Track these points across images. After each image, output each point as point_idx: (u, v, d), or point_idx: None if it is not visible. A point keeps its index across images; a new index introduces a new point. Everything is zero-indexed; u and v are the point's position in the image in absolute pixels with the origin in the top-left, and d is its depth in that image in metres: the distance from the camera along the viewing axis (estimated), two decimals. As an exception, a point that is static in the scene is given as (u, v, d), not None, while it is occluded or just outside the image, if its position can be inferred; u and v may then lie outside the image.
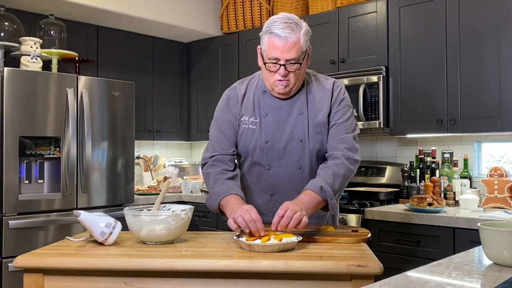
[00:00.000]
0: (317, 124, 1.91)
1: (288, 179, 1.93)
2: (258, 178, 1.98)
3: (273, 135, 1.91)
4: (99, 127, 3.49)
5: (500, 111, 2.82)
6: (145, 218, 1.76)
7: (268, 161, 1.93)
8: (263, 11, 4.15)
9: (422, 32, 3.14)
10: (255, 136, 1.93)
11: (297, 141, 1.91)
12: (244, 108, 1.96)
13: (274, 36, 1.81)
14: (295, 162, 1.92)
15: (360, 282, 1.50)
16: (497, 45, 2.84)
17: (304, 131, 1.91)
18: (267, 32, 1.84)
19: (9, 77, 3.05)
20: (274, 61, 1.84)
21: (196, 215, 3.88)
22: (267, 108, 1.94)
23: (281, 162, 1.92)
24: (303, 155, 1.92)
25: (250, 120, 1.94)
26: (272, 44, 1.82)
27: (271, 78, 1.88)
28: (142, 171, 4.56)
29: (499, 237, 1.30)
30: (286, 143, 1.91)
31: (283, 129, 1.91)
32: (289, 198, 1.81)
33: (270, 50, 1.84)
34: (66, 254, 1.67)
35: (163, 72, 4.52)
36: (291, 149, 1.91)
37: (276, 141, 1.91)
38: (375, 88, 3.27)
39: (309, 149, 1.91)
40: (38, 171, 3.26)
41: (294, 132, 1.91)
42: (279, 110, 1.93)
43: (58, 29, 3.57)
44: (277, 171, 1.93)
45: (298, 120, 1.92)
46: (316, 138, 1.91)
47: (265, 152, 1.92)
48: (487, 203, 2.92)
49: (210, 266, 1.54)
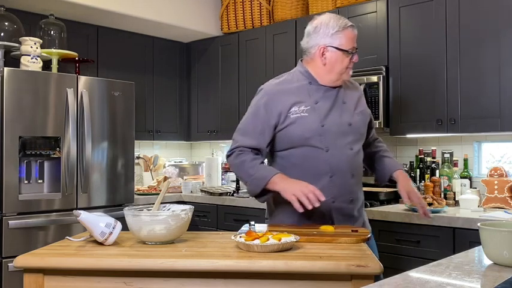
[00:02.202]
0: (358, 112, 2.16)
1: (344, 160, 2.07)
2: (316, 161, 2.06)
3: (327, 120, 2.07)
4: (99, 127, 3.49)
5: (500, 111, 2.82)
6: (145, 218, 1.76)
7: (326, 144, 2.05)
8: (263, 11, 4.15)
9: (422, 32, 3.14)
10: (309, 121, 2.05)
11: (347, 125, 2.10)
12: (292, 100, 2.07)
13: (350, 28, 2.09)
14: (348, 144, 2.09)
15: (360, 282, 1.50)
16: (497, 45, 2.84)
17: (350, 116, 2.12)
18: (344, 27, 2.08)
19: (9, 77, 3.05)
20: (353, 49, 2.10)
21: (196, 215, 3.89)
22: (316, 97, 2.10)
23: (336, 144, 2.06)
24: (352, 137, 2.10)
25: (301, 109, 2.06)
26: (350, 35, 2.09)
27: (342, 67, 2.09)
28: (142, 171, 4.56)
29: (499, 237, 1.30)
30: (338, 126, 2.08)
31: (333, 115, 2.09)
32: (346, 179, 2.05)
33: (350, 40, 2.09)
34: (66, 254, 1.67)
35: (163, 72, 4.52)
36: (343, 132, 2.08)
37: (331, 125, 2.07)
38: (375, 88, 3.27)
39: (356, 132, 2.12)
40: (38, 171, 3.26)
41: (342, 118, 2.10)
42: (327, 98, 2.11)
43: (58, 29, 3.57)
44: (334, 153, 2.05)
45: (343, 107, 2.12)
46: (360, 124, 2.15)
47: (321, 135, 2.05)
48: (487, 203, 2.92)
49: (210, 266, 1.55)
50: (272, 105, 2.07)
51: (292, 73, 2.19)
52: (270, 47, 4.01)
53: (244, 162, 2.05)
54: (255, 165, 2.03)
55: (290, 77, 2.17)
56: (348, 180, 2.06)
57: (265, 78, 4.00)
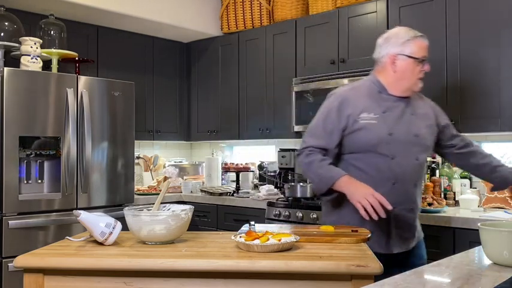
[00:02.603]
0: (428, 125, 2.20)
1: (408, 169, 2.11)
2: (381, 168, 2.10)
3: (394, 129, 2.11)
4: (99, 127, 3.49)
5: (500, 111, 2.82)
6: (145, 218, 1.76)
7: (392, 152, 2.09)
8: (263, 11, 4.15)
9: (422, 32, 3.13)
10: (377, 129, 2.09)
11: (413, 136, 2.14)
12: (361, 107, 2.12)
13: (420, 38, 2.18)
14: (414, 154, 2.13)
15: (360, 282, 1.50)
16: (497, 45, 2.84)
17: (418, 128, 2.16)
18: (415, 37, 2.18)
19: (9, 77, 3.05)
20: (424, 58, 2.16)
21: (196, 215, 3.89)
22: (385, 106, 2.15)
23: (402, 153, 2.10)
24: (418, 148, 2.14)
25: (370, 116, 2.10)
26: (421, 45, 2.17)
27: (414, 77, 2.16)
28: (142, 171, 4.56)
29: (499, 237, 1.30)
30: (405, 136, 2.12)
31: (401, 125, 2.13)
32: (408, 187, 2.10)
33: (420, 49, 2.16)
34: (66, 254, 1.67)
35: (163, 72, 4.52)
36: (410, 142, 2.13)
37: (398, 134, 2.11)
38: (375, 88, 3.26)
39: (422, 144, 2.16)
40: (38, 171, 3.25)
41: (410, 128, 2.14)
42: (395, 108, 2.16)
43: (58, 29, 3.56)
44: (400, 161, 2.10)
45: (411, 119, 2.16)
46: (427, 136, 2.19)
47: (389, 143, 2.09)
48: (487, 203, 2.91)
49: (210, 266, 1.55)
50: (343, 108, 2.12)
51: (363, 82, 2.26)
52: (270, 47, 4.01)
53: (313, 162, 2.10)
54: (324, 165, 2.08)
55: (361, 85, 2.24)
56: (410, 189, 2.12)
57: (265, 78, 4.03)
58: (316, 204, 3.29)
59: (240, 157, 4.65)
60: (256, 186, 4.06)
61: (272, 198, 3.59)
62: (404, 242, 2.14)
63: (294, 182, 3.80)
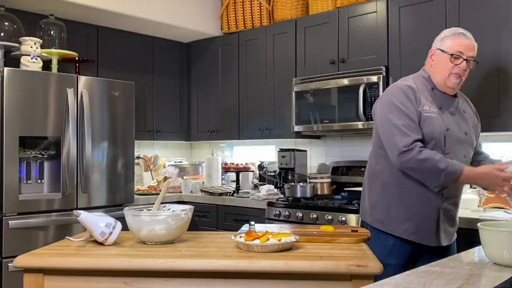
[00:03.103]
0: (474, 125, 2.30)
1: None
2: None
3: (452, 125, 2.18)
4: (99, 127, 3.49)
5: (500, 111, 2.82)
6: (145, 218, 1.76)
7: (447, 147, 2.14)
8: (263, 11, 4.15)
9: (422, 32, 3.14)
10: (437, 123, 2.14)
11: (464, 134, 2.22)
12: (424, 99, 2.16)
13: (461, 35, 2.21)
14: (463, 151, 2.20)
15: (360, 282, 1.50)
16: (497, 45, 2.84)
17: (467, 126, 2.24)
18: (454, 34, 2.22)
19: (9, 77, 3.05)
20: (459, 54, 2.16)
21: (196, 215, 3.89)
22: (439, 102, 2.20)
23: (455, 149, 2.16)
24: (467, 146, 2.22)
25: (431, 110, 2.15)
26: (459, 41, 2.19)
27: (447, 72, 2.18)
28: (142, 171, 4.56)
29: (499, 237, 1.30)
30: (458, 133, 2.19)
31: (454, 122, 2.20)
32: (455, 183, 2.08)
33: (456, 45, 2.18)
34: (66, 254, 1.67)
35: (163, 72, 4.52)
36: (461, 139, 2.20)
37: (454, 131, 2.18)
38: (375, 88, 3.27)
39: (470, 142, 2.24)
40: (38, 171, 3.26)
41: (461, 126, 2.22)
42: (449, 105, 2.23)
43: (58, 29, 3.56)
44: (452, 157, 2.13)
45: (461, 117, 2.24)
46: (473, 135, 2.27)
47: (445, 138, 2.14)
48: (487, 203, 2.91)
49: (210, 266, 1.55)
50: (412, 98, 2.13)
51: (417, 76, 2.29)
52: (270, 47, 4.01)
53: (429, 158, 2.03)
54: (441, 159, 2.04)
55: (417, 79, 2.26)
56: (457, 185, 2.16)
57: (265, 78, 4.03)
58: (316, 204, 3.29)
59: (240, 157, 4.65)
60: (256, 186, 4.06)
61: (272, 198, 3.59)
62: (449, 235, 2.21)
63: (294, 182, 3.80)
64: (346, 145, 3.91)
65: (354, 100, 3.33)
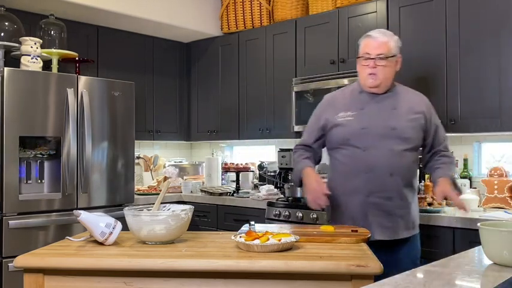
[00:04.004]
0: (410, 119, 2.28)
1: (381, 160, 2.24)
2: (355, 159, 2.29)
3: (370, 124, 2.27)
4: (99, 127, 3.49)
5: (500, 111, 2.82)
6: (145, 218, 1.76)
7: (365, 144, 2.25)
8: (263, 11, 4.14)
9: (422, 32, 3.14)
10: (351, 125, 2.29)
11: (390, 129, 2.25)
12: (340, 107, 2.36)
13: (367, 38, 2.32)
14: (388, 145, 2.24)
15: (360, 282, 1.50)
16: (497, 45, 2.84)
17: (398, 122, 2.27)
18: (362, 38, 2.35)
19: (9, 77, 3.05)
20: (365, 55, 2.28)
21: (196, 215, 3.88)
22: (362, 104, 2.33)
23: (377, 145, 2.25)
24: (394, 140, 2.25)
25: (347, 114, 2.31)
26: (364, 43, 2.31)
27: (363, 74, 2.30)
28: (142, 171, 4.56)
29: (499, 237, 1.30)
30: (382, 130, 2.25)
31: (379, 119, 2.27)
32: (382, 177, 2.22)
33: (363, 48, 2.31)
34: (66, 254, 1.67)
35: (163, 72, 4.52)
36: (385, 134, 2.25)
37: (374, 129, 2.26)
38: (375, 88, 3.26)
39: (401, 136, 2.25)
40: (38, 171, 3.25)
41: (387, 121, 2.27)
42: (372, 104, 2.31)
43: (58, 29, 3.56)
44: (373, 153, 2.24)
45: (392, 114, 2.29)
46: (410, 129, 2.27)
47: (361, 136, 2.26)
48: (487, 203, 2.92)
49: (210, 266, 1.55)
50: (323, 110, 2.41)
51: (351, 85, 2.49)
52: (270, 47, 4.01)
53: (295, 158, 2.45)
54: (299, 160, 2.40)
55: (349, 87, 2.49)
56: (386, 179, 2.22)
57: (265, 78, 4.03)
58: (316, 204, 3.29)
59: (240, 157, 4.65)
60: (256, 186, 4.06)
61: (272, 198, 3.59)
62: (387, 230, 2.24)
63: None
64: (346, 145, 3.91)
65: (354, 100, 3.32)
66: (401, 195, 2.26)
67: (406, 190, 2.28)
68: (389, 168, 2.23)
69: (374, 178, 2.23)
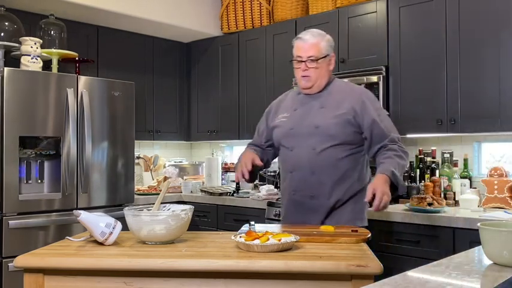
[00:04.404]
0: (335, 115, 2.25)
1: (304, 159, 2.26)
2: (284, 159, 2.38)
3: (297, 124, 2.31)
4: (99, 127, 3.49)
5: (500, 111, 2.82)
6: (145, 218, 1.76)
7: (291, 144, 2.31)
8: (263, 11, 4.14)
9: (422, 32, 3.14)
10: (284, 126, 2.36)
11: (313, 128, 2.26)
12: (282, 109, 2.44)
13: (298, 40, 2.33)
14: (311, 144, 2.26)
15: (360, 282, 1.50)
16: (497, 45, 2.84)
17: (322, 120, 2.26)
18: (293, 41, 2.36)
19: (9, 77, 3.05)
20: (298, 58, 2.30)
21: (196, 215, 3.88)
22: (297, 105, 2.38)
23: (301, 144, 2.28)
24: (317, 138, 2.25)
25: (283, 115, 2.39)
26: (296, 46, 2.33)
27: (297, 76, 2.33)
28: (142, 171, 4.56)
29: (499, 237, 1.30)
30: (307, 129, 2.28)
31: (306, 119, 2.30)
32: (305, 176, 2.24)
33: (295, 51, 2.33)
34: (66, 254, 1.67)
35: (163, 72, 4.52)
36: (309, 133, 2.27)
37: (299, 128, 2.30)
38: (375, 88, 3.26)
39: (323, 134, 2.24)
40: (38, 171, 3.25)
41: (312, 121, 2.28)
42: (305, 105, 2.35)
43: (58, 29, 3.56)
44: (297, 152, 2.29)
45: (319, 112, 2.30)
46: (334, 126, 2.24)
47: (289, 137, 2.32)
48: (487, 203, 2.92)
49: (210, 266, 1.55)
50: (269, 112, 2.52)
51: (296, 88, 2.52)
52: (270, 47, 4.01)
53: None
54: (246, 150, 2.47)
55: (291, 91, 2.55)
56: (308, 177, 2.24)
57: (265, 78, 4.03)
58: (316, 204, 3.29)
59: (240, 157, 4.64)
60: (256, 186, 4.06)
61: (272, 198, 3.59)
62: None
63: (294, 182, 3.80)
64: (346, 145, 3.91)
65: (354, 100, 3.32)
66: (329, 194, 2.22)
67: (339, 188, 2.23)
68: (311, 166, 2.24)
69: (297, 177, 2.27)
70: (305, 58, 2.28)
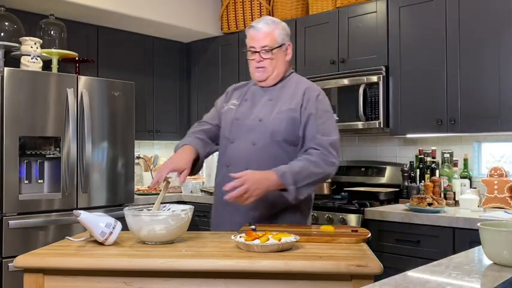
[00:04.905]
0: (281, 111, 2.12)
1: (242, 154, 2.12)
2: (223, 151, 2.22)
3: (242, 115, 2.18)
4: (99, 127, 3.49)
5: (500, 111, 2.82)
6: (145, 218, 1.76)
7: (233, 136, 2.17)
8: (263, 11, 4.14)
9: (422, 32, 3.14)
10: (230, 115, 2.22)
11: (257, 121, 2.13)
12: (234, 96, 2.30)
13: (250, 29, 2.18)
14: (252, 139, 2.12)
15: (360, 282, 1.50)
16: (497, 45, 2.84)
17: (267, 113, 2.13)
18: (246, 29, 2.21)
19: (9, 77, 3.05)
20: (251, 49, 2.16)
21: (196, 215, 3.88)
22: (249, 95, 2.25)
23: (242, 137, 2.14)
24: (259, 133, 2.11)
25: (233, 102, 2.25)
26: (249, 35, 2.18)
27: (251, 67, 2.20)
28: (142, 171, 4.56)
29: (499, 237, 1.30)
30: (250, 122, 2.15)
31: (252, 112, 2.17)
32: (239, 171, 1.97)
33: (248, 41, 2.19)
34: (66, 254, 1.67)
35: (163, 72, 4.52)
36: (251, 127, 2.14)
37: (244, 120, 2.17)
38: (375, 88, 3.27)
39: (266, 129, 2.11)
40: (38, 171, 3.25)
41: (257, 113, 2.16)
42: (257, 96, 2.22)
43: (58, 29, 3.56)
44: (237, 145, 2.15)
45: (266, 105, 2.17)
46: (276, 121, 2.10)
47: (232, 127, 2.18)
48: (487, 203, 2.92)
49: (210, 266, 1.55)
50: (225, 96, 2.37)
51: None
52: (270, 47, 4.00)
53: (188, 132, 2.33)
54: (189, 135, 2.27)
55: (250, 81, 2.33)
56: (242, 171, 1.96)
57: (265, 78, 4.03)
58: (316, 204, 3.29)
59: (240, 157, 4.64)
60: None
61: (272, 198, 3.58)
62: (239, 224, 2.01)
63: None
64: (346, 145, 3.91)
65: (354, 100, 3.33)
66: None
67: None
68: (246, 162, 2.06)
69: (232, 172, 1.99)
70: (259, 48, 2.13)
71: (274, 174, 1.95)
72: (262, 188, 1.91)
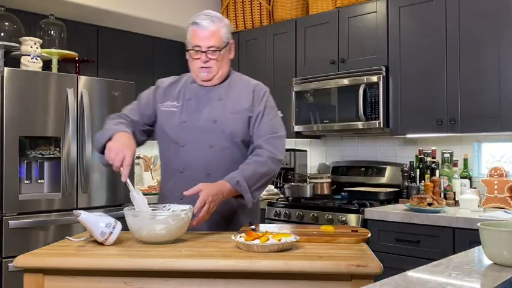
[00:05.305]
0: (236, 111, 2.05)
1: (198, 157, 2.03)
2: (173, 157, 2.09)
3: (191, 117, 2.06)
4: (99, 127, 3.45)
5: (500, 111, 2.82)
6: (145, 218, 1.76)
7: (183, 140, 2.05)
8: (263, 11, 4.14)
9: (422, 32, 3.14)
10: (175, 117, 2.08)
11: (211, 122, 2.03)
12: (168, 95, 2.14)
13: (195, 26, 2.05)
14: (208, 141, 2.03)
15: (360, 282, 1.50)
16: (497, 45, 2.84)
17: (220, 114, 2.04)
18: (189, 25, 2.07)
19: (9, 77, 3.05)
20: (196, 48, 2.04)
21: (196, 215, 3.88)
22: (190, 94, 2.11)
23: (195, 141, 2.03)
24: (215, 135, 2.03)
25: (172, 104, 2.10)
26: (194, 33, 2.05)
27: (194, 66, 2.08)
28: (142, 171, 4.56)
29: (499, 237, 1.30)
30: (202, 123, 2.04)
31: (201, 112, 2.06)
32: (198, 177, 1.94)
33: (192, 38, 2.06)
34: (66, 254, 1.67)
35: (163, 72, 4.50)
36: (205, 129, 2.03)
37: (193, 122, 2.05)
38: (375, 88, 3.27)
39: (223, 130, 2.03)
40: (38, 171, 3.25)
41: (210, 115, 2.05)
42: (201, 96, 2.09)
43: (58, 29, 3.56)
44: (190, 149, 2.04)
45: (216, 105, 2.07)
46: (233, 122, 2.04)
47: (181, 131, 2.05)
48: (487, 203, 2.92)
49: (210, 266, 1.55)
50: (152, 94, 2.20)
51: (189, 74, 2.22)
52: (270, 47, 4.01)
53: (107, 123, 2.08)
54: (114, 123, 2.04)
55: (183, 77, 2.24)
56: (201, 179, 1.93)
57: (265, 78, 4.03)
58: (316, 204, 3.29)
59: (240, 157, 4.64)
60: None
61: (272, 198, 3.59)
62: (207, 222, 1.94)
63: (294, 181, 3.80)
64: (346, 145, 3.92)
65: (354, 100, 3.33)
66: None
67: None
68: (206, 167, 2.00)
69: (189, 178, 1.96)
70: (205, 48, 2.02)
71: (227, 184, 1.90)
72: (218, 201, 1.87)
